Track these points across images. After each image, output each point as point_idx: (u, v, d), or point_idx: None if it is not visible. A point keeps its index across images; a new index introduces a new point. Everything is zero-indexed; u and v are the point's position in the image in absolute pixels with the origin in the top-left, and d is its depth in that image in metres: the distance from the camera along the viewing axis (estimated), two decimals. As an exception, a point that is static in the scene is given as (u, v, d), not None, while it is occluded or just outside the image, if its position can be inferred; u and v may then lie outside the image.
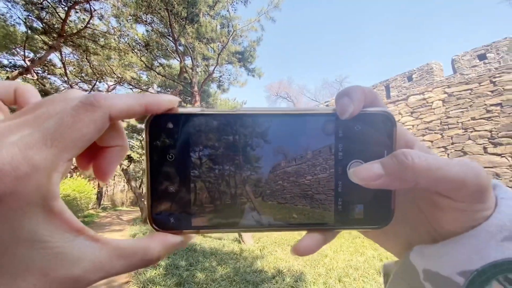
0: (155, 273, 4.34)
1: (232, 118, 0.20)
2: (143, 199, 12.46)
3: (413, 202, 0.20)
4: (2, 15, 7.64)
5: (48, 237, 0.15)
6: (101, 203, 20.71)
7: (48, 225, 0.15)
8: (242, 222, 0.20)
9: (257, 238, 7.51)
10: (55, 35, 8.45)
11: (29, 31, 8.03)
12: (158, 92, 14.12)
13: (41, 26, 8.27)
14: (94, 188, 22.01)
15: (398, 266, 0.22)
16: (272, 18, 6.24)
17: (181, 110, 0.19)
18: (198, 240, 7.39)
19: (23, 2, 7.86)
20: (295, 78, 55.52)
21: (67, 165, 0.15)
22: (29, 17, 8.08)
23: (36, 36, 8.25)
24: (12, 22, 7.87)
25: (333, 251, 6.26)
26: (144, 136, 0.19)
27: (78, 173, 24.13)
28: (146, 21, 8.45)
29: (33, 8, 8.00)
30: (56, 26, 8.39)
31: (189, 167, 0.19)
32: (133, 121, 20.38)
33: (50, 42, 8.15)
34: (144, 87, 13.89)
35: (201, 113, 0.20)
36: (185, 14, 6.06)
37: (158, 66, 9.65)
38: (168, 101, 0.18)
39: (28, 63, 7.84)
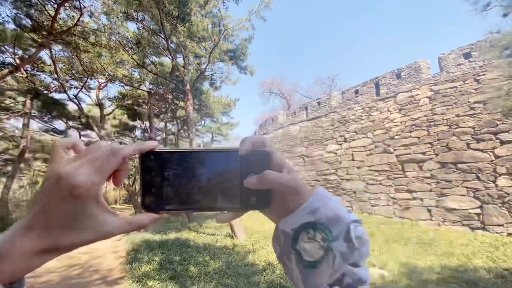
0: (150, 268, 4.47)
1: (184, 154, 0.36)
2: (136, 197, 12.69)
3: (281, 195, 0.35)
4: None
5: (97, 214, 0.31)
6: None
7: (98, 208, 0.31)
8: (192, 207, 0.36)
9: (250, 233, 7.69)
10: (44, 32, 8.35)
11: (18, 29, 7.92)
12: (149, 89, 14.06)
13: (30, 23, 8.16)
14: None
15: (273, 233, 0.37)
16: (263, 18, 6.33)
17: (157, 149, 0.35)
18: (192, 236, 7.54)
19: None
20: (288, 75, 55.53)
21: (104, 180, 0.32)
22: (18, 14, 7.97)
23: (25, 34, 8.13)
24: (1, 20, 7.74)
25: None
26: (138, 162, 0.35)
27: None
28: (137, 18, 8.42)
29: (22, 5, 7.89)
30: (45, 23, 8.29)
31: (162, 178, 0.35)
32: (125, 119, 20.24)
33: (39, 40, 8.06)
34: (136, 85, 13.80)
35: (166, 151, 0.36)
36: (177, 13, 6.09)
37: (149, 64, 9.62)
38: (151, 145, 0.35)
39: (18, 61, 7.75)
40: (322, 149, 13.15)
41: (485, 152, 7.71)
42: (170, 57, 8.08)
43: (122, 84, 14.39)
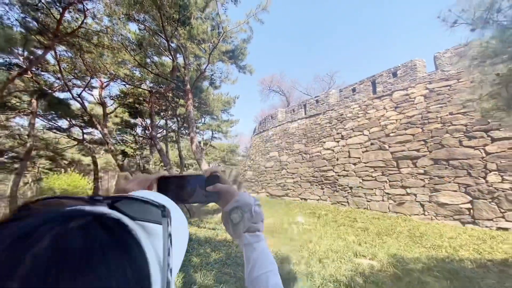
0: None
1: (180, 177, 0.67)
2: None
3: (225, 195, 0.65)
4: (0, 17, 7.77)
5: None
6: (97, 197, 20.88)
7: None
8: (182, 200, 0.65)
9: (249, 227, 8.00)
10: (50, 35, 8.61)
11: (25, 32, 8.17)
12: (150, 88, 14.30)
13: (37, 26, 8.41)
14: (89, 183, 22.25)
15: (221, 214, 0.66)
16: (260, 20, 6.56)
17: (164, 176, 0.65)
18: (193, 230, 7.85)
19: (19, 4, 7.98)
20: (288, 73, 55.61)
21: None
22: (25, 18, 8.22)
23: (32, 37, 8.38)
24: (10, 24, 7.99)
25: (318, 237, 6.80)
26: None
27: (72, 169, 24.20)
28: (138, 20, 8.64)
29: (29, 9, 8.13)
30: (51, 26, 8.53)
31: (168, 187, 0.65)
32: (126, 117, 20.47)
33: (46, 42, 8.31)
34: (137, 83, 14.04)
35: (168, 176, 0.66)
36: (177, 17, 6.33)
37: (151, 64, 9.85)
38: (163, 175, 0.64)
39: (27, 64, 8.01)
40: (320, 146, 13.42)
41: (476, 149, 7.97)
42: (171, 58, 8.32)
43: (124, 83, 14.65)
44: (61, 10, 8.17)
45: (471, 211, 7.70)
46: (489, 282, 3.92)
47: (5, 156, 15.83)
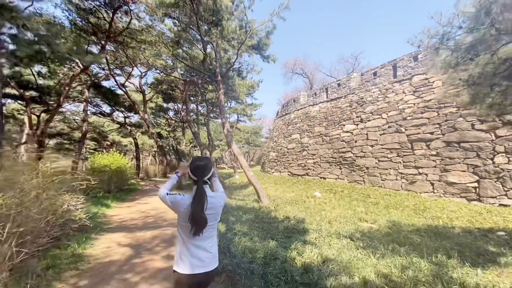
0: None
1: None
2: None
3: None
4: (62, 22, 9.33)
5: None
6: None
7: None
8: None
9: (272, 199, 9.38)
10: (101, 35, 10.13)
11: (83, 34, 9.74)
12: (181, 75, 15.72)
13: (91, 28, 9.93)
14: (128, 162, 24.98)
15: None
16: (282, 18, 7.39)
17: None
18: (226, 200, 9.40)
19: (76, 9, 9.49)
20: (311, 55, 54.28)
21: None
22: (82, 21, 9.74)
23: (89, 38, 9.94)
24: (70, 27, 9.57)
25: (331, 207, 8.00)
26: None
27: (113, 149, 27.04)
28: (175, 17, 9.78)
29: (84, 14, 9.62)
30: (102, 27, 10.02)
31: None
32: (159, 101, 22.34)
33: (102, 42, 9.85)
34: (169, 71, 15.51)
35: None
36: (211, 20, 7.37)
37: (185, 58, 11.09)
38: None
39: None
40: (340, 129, 14.19)
41: (487, 132, 8.44)
42: (203, 52, 9.48)
43: (158, 71, 16.22)
44: (111, 14, 9.59)
45: (477, 189, 8.36)
46: (465, 240, 4.90)
47: (62, 138, 18.51)
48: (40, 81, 12.78)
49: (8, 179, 3.16)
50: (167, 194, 1.62)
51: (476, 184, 8.44)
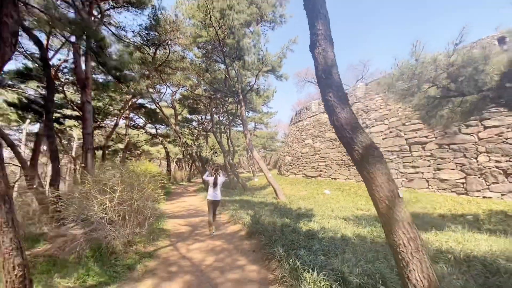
0: (236, 206, 8.30)
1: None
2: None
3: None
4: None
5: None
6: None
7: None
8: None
9: (288, 196, 11.22)
10: (148, 67, 12.56)
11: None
12: (205, 90, 18.01)
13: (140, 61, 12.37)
14: (157, 168, 27.77)
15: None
16: (291, 50, 9.31)
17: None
18: (249, 198, 11.36)
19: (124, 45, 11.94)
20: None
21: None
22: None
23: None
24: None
25: (336, 201, 9.72)
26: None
27: (144, 157, 29.94)
28: (205, 52, 11.99)
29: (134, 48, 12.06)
30: (147, 60, 12.45)
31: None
32: (185, 113, 24.85)
33: (146, 72, 12.28)
34: (195, 88, 17.87)
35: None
36: (234, 55, 9.43)
37: (210, 82, 13.34)
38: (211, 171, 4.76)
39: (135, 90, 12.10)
40: (348, 134, 15.79)
41: (471, 135, 9.85)
42: (228, 76, 11.62)
43: (186, 89, 18.65)
44: (154, 49, 12.00)
45: (465, 184, 9.75)
46: (433, 220, 6.51)
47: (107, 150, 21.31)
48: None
49: (125, 179, 5.31)
50: (206, 176, 5.45)
51: (463, 180, 9.82)
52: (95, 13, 9.16)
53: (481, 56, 4.03)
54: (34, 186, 8.48)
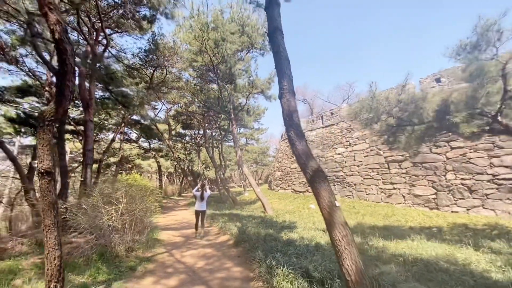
0: (224, 219, 8.90)
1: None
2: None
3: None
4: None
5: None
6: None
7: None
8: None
9: (275, 210, 11.86)
10: (146, 87, 13.36)
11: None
12: (198, 107, 18.85)
13: (136, 82, 13.17)
14: (148, 182, 28.02)
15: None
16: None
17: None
18: (238, 212, 11.94)
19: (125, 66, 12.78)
20: (310, 84, 58.52)
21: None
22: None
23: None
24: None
25: (319, 214, 10.41)
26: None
27: (134, 171, 30.09)
28: (199, 72, 12.94)
29: (131, 70, 12.90)
30: (144, 79, 13.27)
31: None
32: (178, 129, 25.51)
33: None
34: (188, 104, 18.71)
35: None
36: (227, 79, 10.37)
37: (204, 101, 14.23)
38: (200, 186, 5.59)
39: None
40: (333, 152, 16.76)
41: (440, 155, 10.90)
42: (220, 96, 12.52)
43: (180, 106, 19.47)
44: (152, 71, 12.86)
45: (436, 200, 10.67)
46: (400, 232, 7.30)
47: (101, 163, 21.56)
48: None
49: (128, 191, 5.95)
50: (195, 191, 6.10)
51: (435, 196, 10.76)
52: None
53: (421, 96, 5.01)
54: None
